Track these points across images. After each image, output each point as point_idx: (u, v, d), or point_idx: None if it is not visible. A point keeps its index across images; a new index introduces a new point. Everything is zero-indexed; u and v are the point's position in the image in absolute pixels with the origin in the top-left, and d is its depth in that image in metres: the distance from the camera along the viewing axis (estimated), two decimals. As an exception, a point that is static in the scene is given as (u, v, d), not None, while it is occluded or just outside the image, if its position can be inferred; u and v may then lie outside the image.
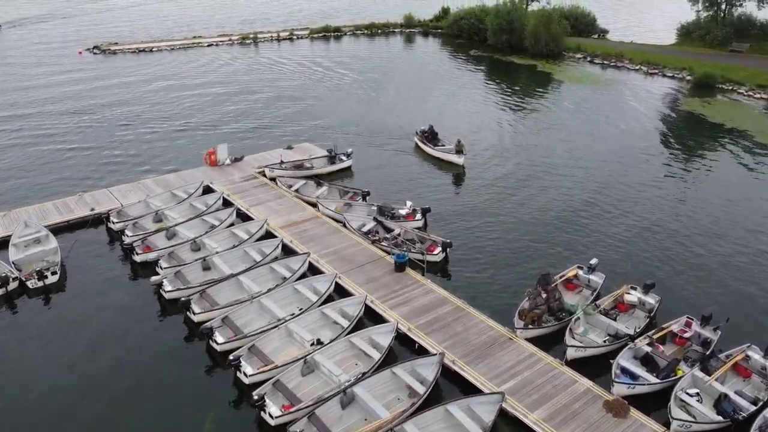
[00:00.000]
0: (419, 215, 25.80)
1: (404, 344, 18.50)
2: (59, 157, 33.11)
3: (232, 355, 17.02)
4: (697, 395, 16.25)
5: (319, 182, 29.19)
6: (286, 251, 23.38)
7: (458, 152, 32.64)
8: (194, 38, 66.70)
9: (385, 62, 58.76)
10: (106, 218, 25.23)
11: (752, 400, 16.17)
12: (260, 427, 15.58)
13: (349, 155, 32.01)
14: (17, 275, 21.08)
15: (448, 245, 23.16)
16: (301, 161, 31.34)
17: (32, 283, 20.97)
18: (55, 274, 21.33)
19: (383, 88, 49.05)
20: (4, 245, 22.89)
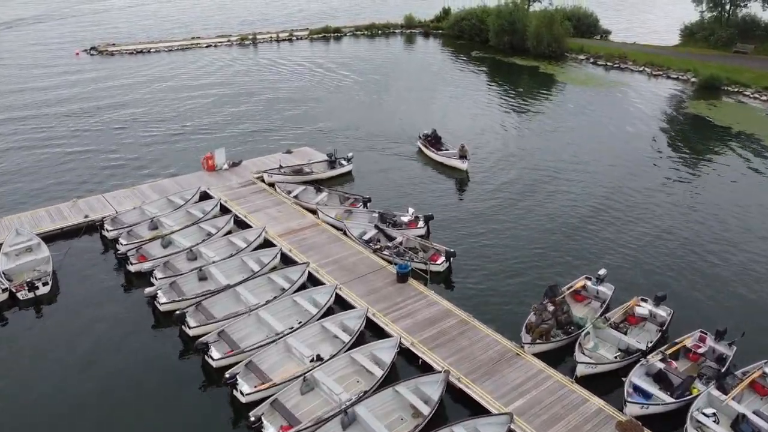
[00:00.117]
0: (422, 223, 25.10)
1: (407, 359, 17.80)
2: (55, 161, 32.46)
3: (228, 372, 16.32)
4: (714, 415, 15.54)
5: (318, 188, 28.49)
6: (284, 260, 22.68)
7: (462, 157, 31.90)
8: (193, 39, 66.10)
9: (385, 63, 58.09)
10: (100, 226, 24.54)
11: (772, 420, 15.46)
12: (257, 449, 14.86)
13: (349, 160, 31.34)
14: (7, 286, 20.36)
15: (451, 254, 22.40)
16: (300, 166, 30.68)
17: (23, 294, 20.28)
18: (46, 284, 20.65)
19: (384, 90, 48.36)
20: (-6, 254, 22.17)
